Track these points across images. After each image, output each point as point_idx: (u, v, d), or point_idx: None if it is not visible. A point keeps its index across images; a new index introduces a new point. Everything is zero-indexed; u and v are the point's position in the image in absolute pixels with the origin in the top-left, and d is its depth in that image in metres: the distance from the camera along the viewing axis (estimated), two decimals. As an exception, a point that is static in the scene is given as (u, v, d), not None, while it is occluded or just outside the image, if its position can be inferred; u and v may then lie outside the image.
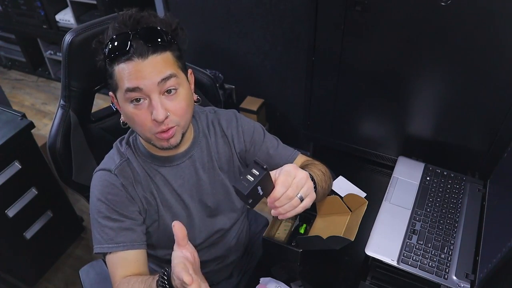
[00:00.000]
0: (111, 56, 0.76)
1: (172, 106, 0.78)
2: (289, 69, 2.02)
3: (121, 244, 0.84)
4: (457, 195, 1.14)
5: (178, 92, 0.79)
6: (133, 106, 0.78)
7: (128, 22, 0.76)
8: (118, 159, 0.89)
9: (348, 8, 1.09)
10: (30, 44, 3.01)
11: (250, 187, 0.65)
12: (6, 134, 1.47)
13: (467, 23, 0.98)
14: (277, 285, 0.95)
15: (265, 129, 1.01)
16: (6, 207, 1.56)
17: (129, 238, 0.85)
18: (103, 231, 0.84)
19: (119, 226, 0.84)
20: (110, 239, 0.84)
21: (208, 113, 0.98)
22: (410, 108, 1.21)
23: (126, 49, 0.74)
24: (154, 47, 0.75)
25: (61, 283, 1.84)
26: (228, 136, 0.97)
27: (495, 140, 1.13)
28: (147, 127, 0.79)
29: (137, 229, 0.87)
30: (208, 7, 2.02)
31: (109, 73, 0.79)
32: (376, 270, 1.01)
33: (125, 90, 0.76)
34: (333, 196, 1.00)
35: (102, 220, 0.85)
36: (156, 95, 0.76)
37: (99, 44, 0.80)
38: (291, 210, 0.72)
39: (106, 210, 0.84)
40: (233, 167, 0.99)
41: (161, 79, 0.75)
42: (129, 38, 0.74)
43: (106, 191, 0.85)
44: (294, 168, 0.73)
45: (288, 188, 0.70)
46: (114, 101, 0.85)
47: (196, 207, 0.96)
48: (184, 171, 0.93)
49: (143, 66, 0.74)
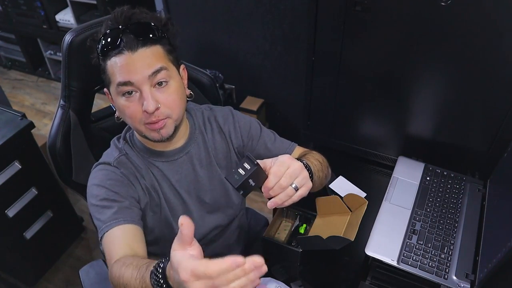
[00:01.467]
0: (103, 50, 0.78)
1: (163, 98, 0.80)
2: (289, 69, 2.02)
3: (120, 219, 0.81)
4: (457, 195, 1.14)
5: (169, 85, 0.81)
6: (125, 99, 0.80)
7: (120, 19, 0.79)
8: (116, 153, 0.90)
9: (348, 8, 1.09)
10: (30, 44, 3.01)
11: (240, 181, 0.68)
12: (6, 134, 1.47)
13: (467, 23, 0.98)
14: (277, 285, 0.95)
15: (261, 124, 1.03)
16: (6, 207, 1.56)
17: (128, 215, 0.83)
18: (101, 213, 0.82)
19: (118, 206, 0.83)
20: (108, 218, 0.81)
21: (204, 110, 1.00)
22: (410, 108, 1.21)
23: (117, 43, 0.77)
24: (144, 41, 0.78)
25: (61, 283, 1.84)
26: (225, 132, 0.98)
27: (495, 140, 1.13)
28: (137, 118, 0.81)
29: (135, 210, 0.85)
30: (208, 7, 2.02)
31: (102, 68, 0.81)
32: (376, 270, 1.01)
33: (117, 84, 0.79)
34: (333, 196, 1.00)
35: (100, 202, 0.83)
36: (147, 87, 0.78)
37: (93, 41, 0.82)
38: (287, 200, 0.73)
39: (104, 193, 0.84)
40: (230, 163, 1.00)
41: (152, 72, 0.78)
42: (120, 33, 0.77)
43: (106, 178, 0.86)
44: (288, 159, 0.74)
45: (280, 177, 0.72)
46: (108, 97, 0.87)
47: (194, 203, 0.97)
48: (181, 167, 0.93)
49: (133, 59, 0.77)
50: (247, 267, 0.52)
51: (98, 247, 1.86)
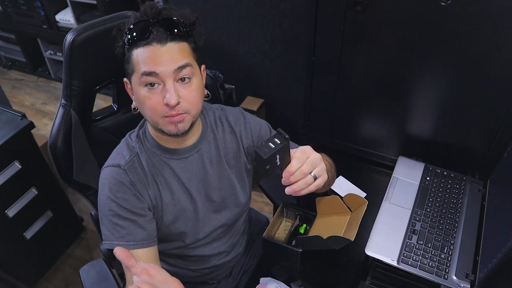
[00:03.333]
0: (132, 40, 0.79)
1: (185, 93, 0.82)
2: (289, 69, 2.02)
3: (131, 243, 0.86)
4: (457, 195, 1.14)
5: (192, 81, 0.83)
6: (146, 89, 0.81)
7: (150, 12, 0.81)
8: (128, 154, 0.90)
9: (348, 8, 1.09)
10: (30, 44, 3.01)
11: (270, 153, 0.71)
12: (6, 134, 1.47)
13: (467, 23, 0.98)
14: (277, 285, 0.95)
15: (270, 127, 1.05)
16: (6, 207, 1.56)
17: (139, 237, 0.87)
18: (113, 228, 0.87)
19: (129, 224, 0.87)
20: (121, 237, 0.86)
21: (215, 109, 1.01)
22: (410, 108, 1.21)
23: (146, 34, 0.78)
24: (172, 36, 0.79)
25: (61, 283, 1.84)
26: (237, 132, 0.99)
27: (495, 140, 1.13)
28: (157, 111, 0.81)
29: (147, 227, 0.89)
30: (208, 7, 2.02)
31: (127, 57, 0.82)
32: (376, 270, 1.01)
33: (141, 74, 0.79)
34: (333, 196, 1.00)
35: (113, 218, 0.87)
36: (171, 80, 0.79)
37: (118, 31, 0.83)
38: (304, 188, 0.77)
39: (116, 208, 0.86)
40: (239, 163, 1.01)
41: (178, 67, 0.79)
42: (149, 25, 0.79)
43: (115, 189, 0.87)
44: (309, 149, 0.79)
45: (303, 164, 0.76)
46: (127, 87, 0.88)
47: (202, 201, 0.98)
48: (192, 165, 0.94)
49: (161, 52, 0.78)
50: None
51: (98, 247, 1.86)
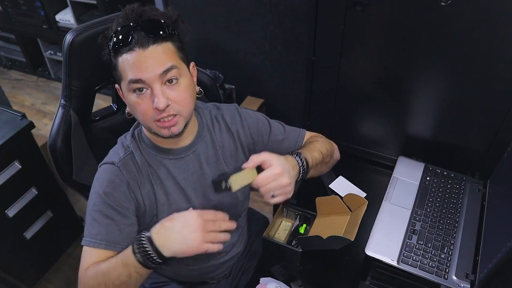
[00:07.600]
0: (115, 48, 0.79)
1: (174, 95, 0.81)
2: (289, 69, 2.02)
3: (103, 243, 0.85)
4: (457, 195, 1.14)
5: (179, 82, 0.82)
6: (136, 95, 0.81)
7: (131, 16, 0.80)
8: (122, 152, 0.90)
9: (348, 8, 1.09)
10: (30, 44, 3.01)
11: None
12: (6, 134, 1.47)
13: (467, 23, 0.98)
14: (277, 285, 0.95)
15: (267, 117, 1.04)
16: (6, 207, 1.55)
17: (112, 238, 0.85)
18: (91, 225, 0.86)
19: (108, 223, 0.86)
20: (96, 234, 0.85)
21: (211, 109, 1.01)
22: (410, 108, 1.21)
23: (128, 40, 0.78)
24: (155, 38, 0.79)
25: (61, 283, 1.84)
26: (233, 131, 0.99)
27: (495, 140, 1.13)
28: (148, 115, 0.82)
29: (125, 231, 0.87)
30: (208, 7, 2.03)
31: (114, 65, 0.82)
32: (376, 270, 1.01)
33: (128, 81, 0.80)
34: (333, 196, 1.00)
35: (94, 213, 0.86)
36: (158, 85, 0.79)
37: (104, 38, 0.83)
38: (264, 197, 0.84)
39: (100, 204, 0.86)
40: (237, 162, 1.00)
41: (163, 71, 0.79)
42: (131, 30, 0.78)
43: (105, 185, 0.87)
44: (281, 171, 0.82)
45: (268, 183, 0.82)
46: (119, 93, 0.88)
47: (199, 201, 0.97)
48: (188, 165, 0.94)
49: (145, 57, 0.78)
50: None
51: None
